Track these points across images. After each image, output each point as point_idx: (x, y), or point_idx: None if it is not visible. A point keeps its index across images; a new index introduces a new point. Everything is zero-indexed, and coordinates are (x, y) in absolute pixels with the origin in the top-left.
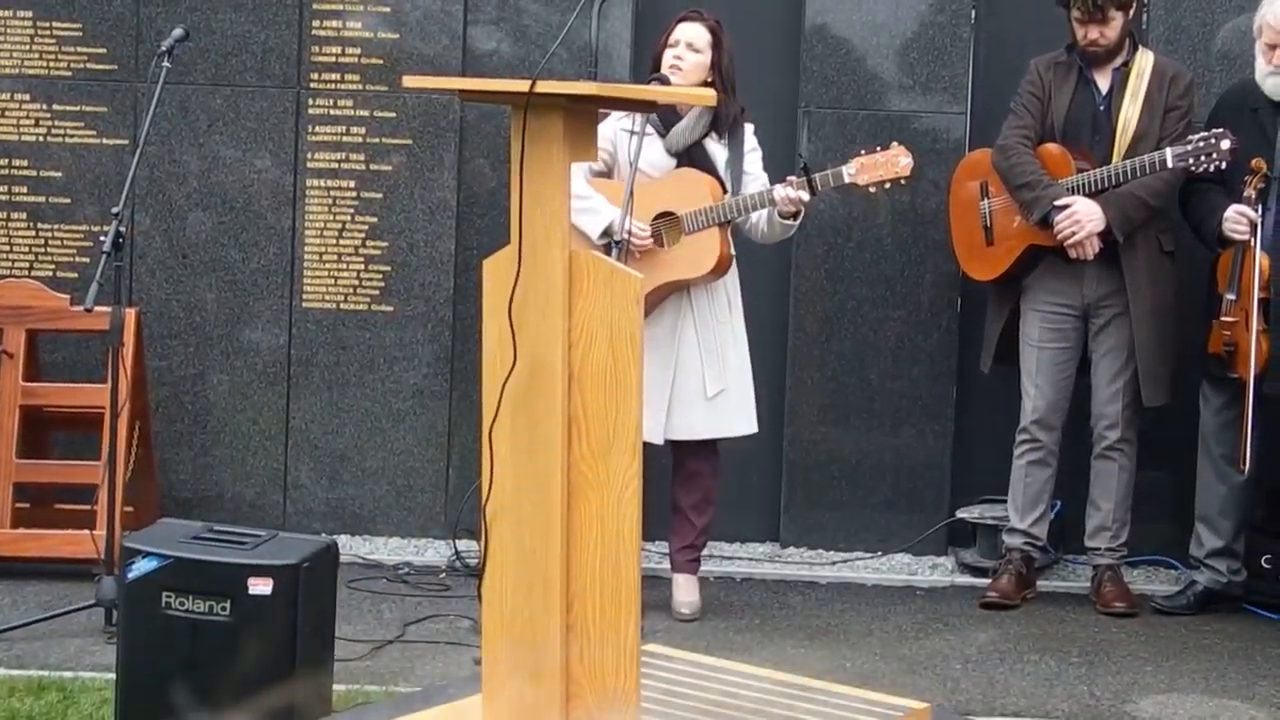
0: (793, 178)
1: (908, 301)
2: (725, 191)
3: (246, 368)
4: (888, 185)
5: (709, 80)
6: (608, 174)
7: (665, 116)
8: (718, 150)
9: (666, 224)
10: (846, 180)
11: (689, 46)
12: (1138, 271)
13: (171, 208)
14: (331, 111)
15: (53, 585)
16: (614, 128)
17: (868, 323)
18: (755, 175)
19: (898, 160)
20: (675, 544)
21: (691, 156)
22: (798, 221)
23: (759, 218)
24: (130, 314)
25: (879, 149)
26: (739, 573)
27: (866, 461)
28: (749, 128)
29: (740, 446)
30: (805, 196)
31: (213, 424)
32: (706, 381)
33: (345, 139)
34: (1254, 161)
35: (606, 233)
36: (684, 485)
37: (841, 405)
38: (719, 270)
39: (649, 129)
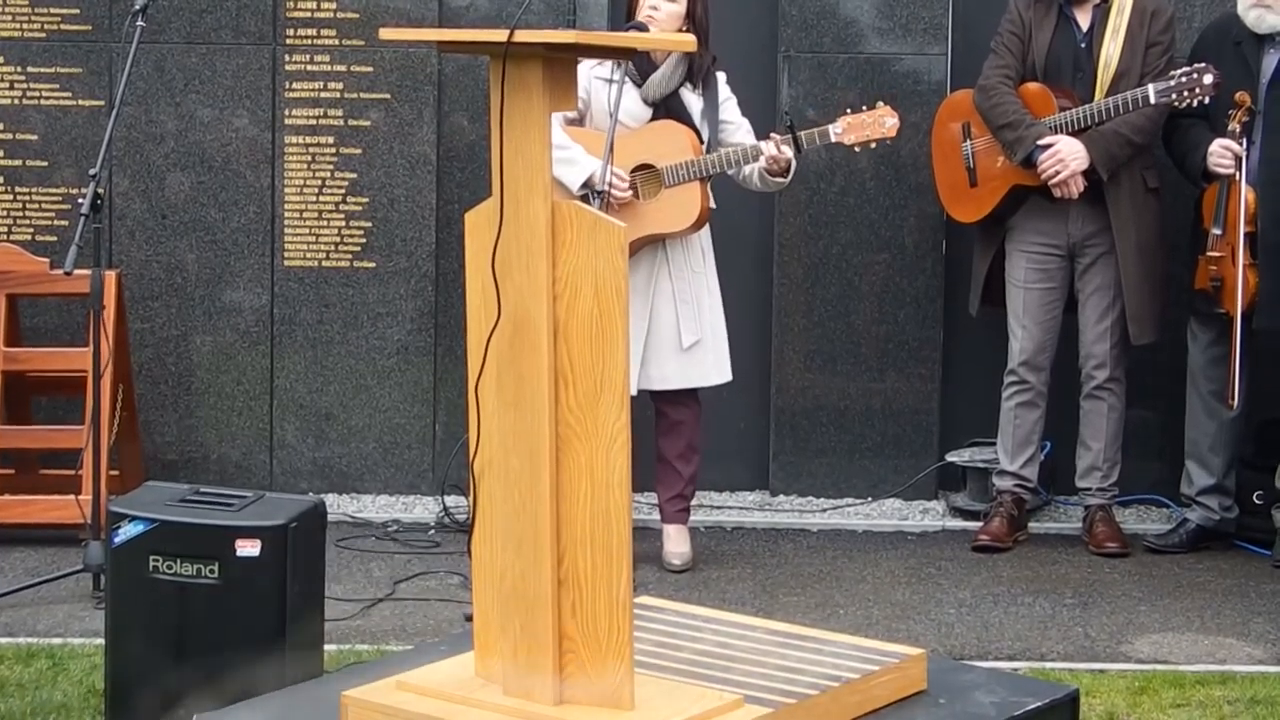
0: (776, 135)
1: (892, 245)
2: (701, 143)
3: (229, 328)
4: (873, 145)
5: (683, 29)
6: (580, 121)
7: (641, 66)
8: (693, 100)
9: (644, 176)
10: (833, 139)
11: None
12: (1123, 209)
13: (149, 168)
14: (308, 68)
15: (39, 551)
16: (588, 75)
17: (852, 267)
18: (737, 123)
19: (884, 120)
20: (663, 494)
21: (668, 107)
22: (787, 179)
23: (750, 171)
24: (110, 276)
25: (865, 109)
26: (729, 522)
27: (854, 407)
28: (721, 76)
29: (727, 395)
30: (790, 153)
31: (196, 385)
32: (682, 332)
33: (323, 95)
34: (1237, 95)
35: (586, 184)
36: (667, 435)
37: (828, 351)
38: (698, 225)
39: (623, 77)
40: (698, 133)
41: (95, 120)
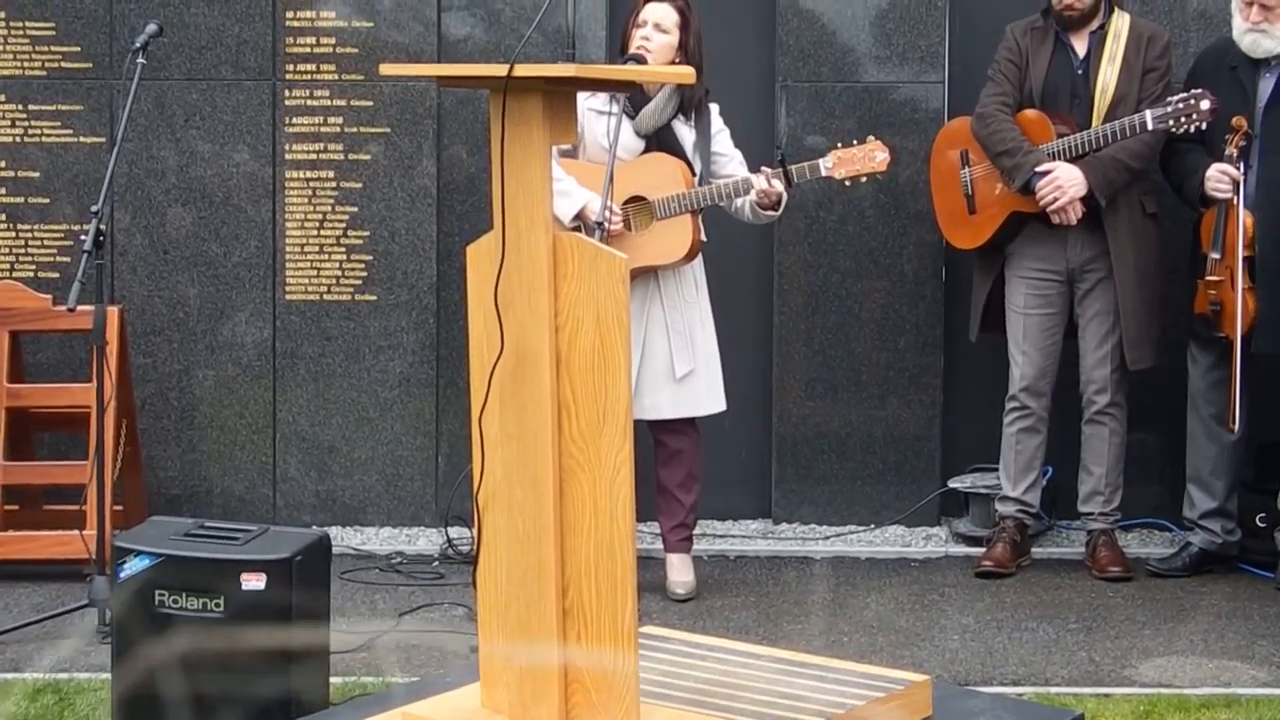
0: (767, 169)
1: (891, 273)
2: (693, 174)
3: (231, 362)
4: (864, 179)
5: (676, 61)
6: (574, 153)
7: (634, 98)
8: (685, 132)
9: (636, 208)
10: (823, 173)
11: (656, 27)
12: (1121, 235)
13: (151, 204)
14: (308, 102)
15: (44, 587)
16: (581, 106)
17: (852, 295)
18: (729, 154)
19: (874, 155)
20: (666, 524)
21: (660, 139)
22: (779, 212)
23: (742, 203)
24: (113, 312)
25: (856, 143)
26: (732, 551)
27: (856, 435)
28: (714, 108)
29: (729, 424)
30: (781, 187)
31: (199, 420)
32: (675, 362)
33: (323, 129)
34: (1234, 120)
35: (579, 216)
36: (668, 465)
37: (829, 379)
38: (690, 257)
39: (617, 110)
40: (690, 165)
41: (96, 157)
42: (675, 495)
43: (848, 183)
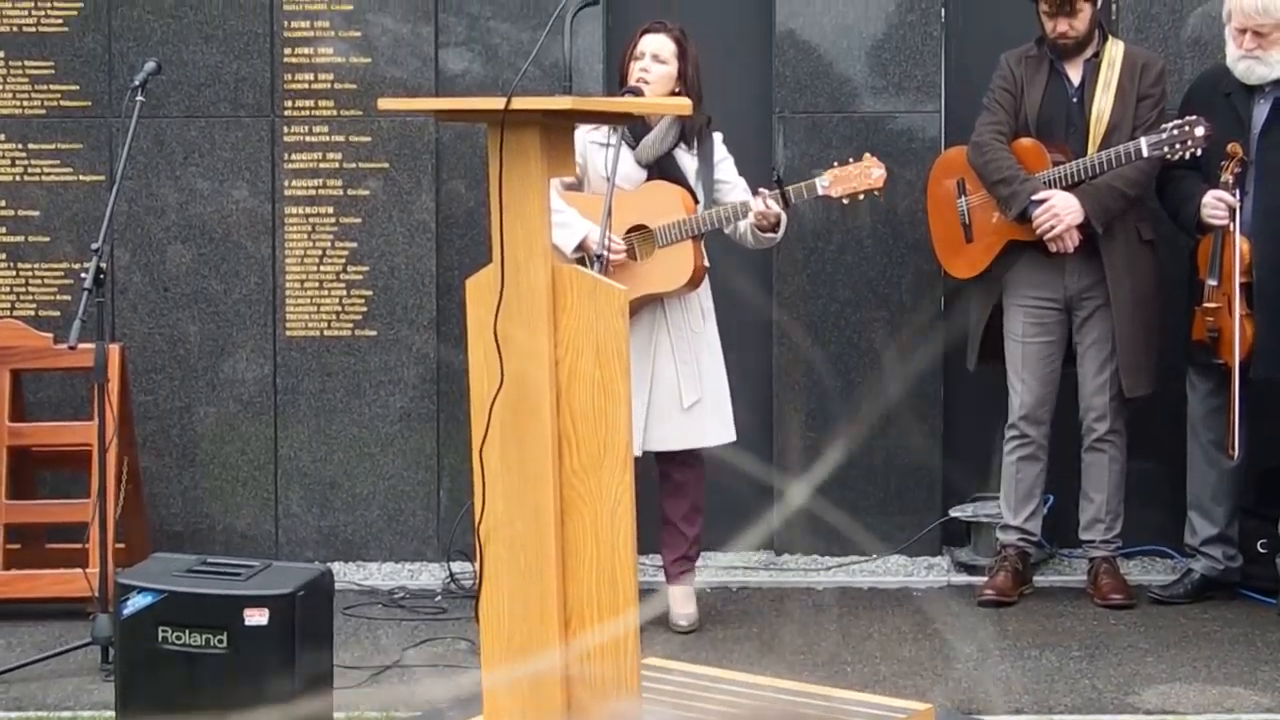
0: (765, 190)
1: (890, 302)
2: (696, 202)
3: (233, 399)
4: (861, 196)
5: (675, 90)
6: (579, 186)
7: (635, 129)
8: (687, 161)
9: (639, 237)
10: (820, 192)
11: (654, 58)
12: (1118, 262)
13: (151, 241)
14: (307, 138)
15: (47, 625)
16: (583, 140)
17: (851, 325)
18: (733, 183)
19: (870, 172)
20: (668, 556)
21: (662, 168)
22: (779, 234)
23: (743, 228)
24: (114, 350)
25: (851, 160)
26: (735, 582)
27: (857, 465)
28: (718, 137)
29: (730, 455)
30: (779, 209)
31: (201, 456)
32: (683, 392)
33: (322, 165)
34: (1230, 146)
35: (580, 247)
36: (671, 496)
37: (829, 409)
38: (693, 283)
39: (619, 142)
40: (692, 193)
41: (96, 195)
42: (678, 527)
43: (845, 200)
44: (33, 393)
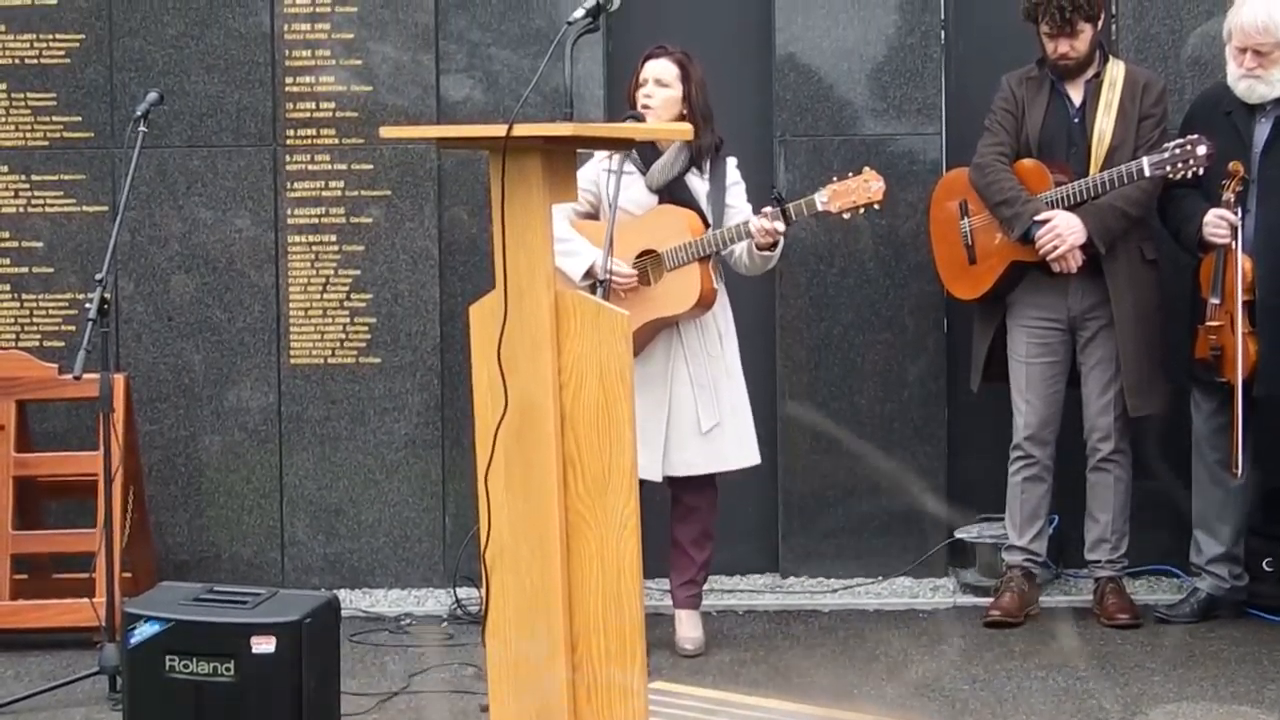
0: (767, 209)
1: (893, 325)
2: (707, 225)
3: (237, 427)
4: (861, 211)
5: (682, 113)
6: (594, 215)
7: (645, 154)
8: (698, 184)
9: (651, 261)
10: (820, 208)
11: (657, 83)
12: (1120, 282)
13: (154, 271)
14: (309, 167)
15: (55, 655)
16: (597, 169)
17: (855, 348)
18: (738, 208)
19: (869, 185)
20: (676, 580)
21: (672, 192)
22: (776, 253)
23: (740, 250)
24: (119, 379)
25: (851, 175)
26: (740, 605)
27: (862, 487)
28: (731, 161)
29: (735, 478)
30: (781, 227)
31: (206, 485)
32: (700, 417)
33: (324, 193)
34: (1231, 165)
35: (588, 274)
36: (682, 521)
37: (834, 432)
38: (702, 304)
39: (631, 168)
40: (703, 215)
41: (99, 225)
42: (688, 551)
43: (846, 215)
44: (38, 423)
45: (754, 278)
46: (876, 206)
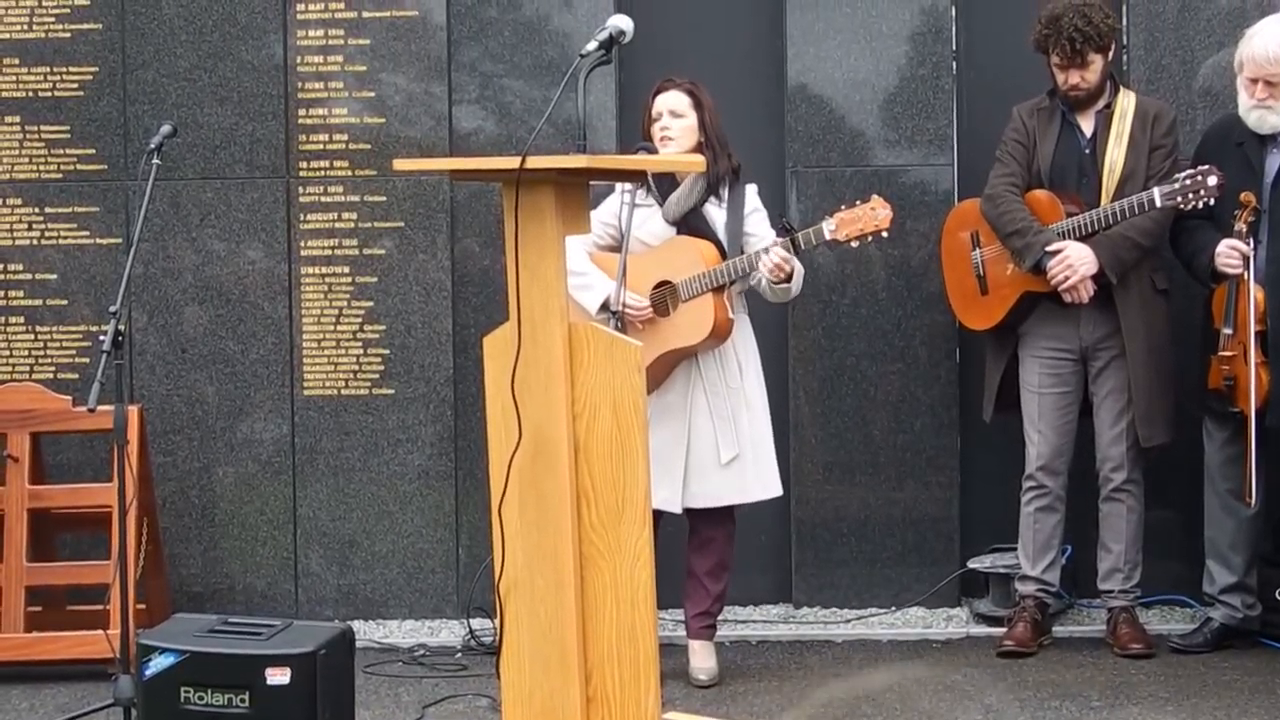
0: (777, 240)
1: (906, 355)
2: (724, 255)
3: (251, 459)
4: (869, 238)
5: (699, 142)
6: (617, 248)
7: (662, 185)
8: (716, 214)
9: (668, 292)
10: (827, 236)
11: (672, 114)
12: (1132, 312)
13: (168, 303)
14: (322, 199)
15: (70, 687)
16: (618, 202)
17: (867, 378)
18: (760, 236)
19: (876, 212)
20: (691, 610)
21: (689, 223)
22: (794, 284)
23: (758, 279)
24: (133, 411)
25: (858, 203)
26: (754, 636)
27: (875, 517)
28: (751, 188)
29: (749, 509)
30: (791, 257)
31: (220, 517)
32: (720, 448)
33: (337, 225)
34: (1243, 195)
35: (604, 307)
36: (699, 551)
37: (846, 462)
38: (717, 335)
39: (649, 200)
40: (721, 245)
41: (113, 258)
42: (703, 582)
43: (854, 243)
44: (52, 455)
45: (766, 308)
46: (884, 234)
